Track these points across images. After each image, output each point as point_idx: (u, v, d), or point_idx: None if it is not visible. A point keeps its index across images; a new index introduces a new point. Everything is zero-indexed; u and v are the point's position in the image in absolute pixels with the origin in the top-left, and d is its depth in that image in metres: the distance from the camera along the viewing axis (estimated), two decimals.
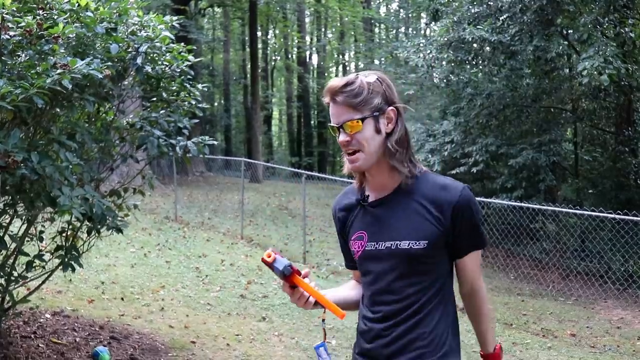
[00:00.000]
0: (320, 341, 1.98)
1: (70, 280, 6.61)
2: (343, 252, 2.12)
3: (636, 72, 10.82)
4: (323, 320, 1.97)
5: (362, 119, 1.82)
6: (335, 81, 1.85)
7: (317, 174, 13.51)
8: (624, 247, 9.16)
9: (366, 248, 1.92)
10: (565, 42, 12.73)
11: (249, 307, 6.89)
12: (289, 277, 1.89)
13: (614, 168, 12.85)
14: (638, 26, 11.30)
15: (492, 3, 12.85)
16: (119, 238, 8.41)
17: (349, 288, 2.14)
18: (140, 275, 7.62)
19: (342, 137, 1.85)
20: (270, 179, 22.45)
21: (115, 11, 3.92)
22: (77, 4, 3.64)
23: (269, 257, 1.87)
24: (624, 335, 7.40)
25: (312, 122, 36.49)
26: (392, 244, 1.87)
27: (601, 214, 8.35)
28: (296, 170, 15.02)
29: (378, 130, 1.84)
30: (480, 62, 13.86)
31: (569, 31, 12.69)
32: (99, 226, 4.05)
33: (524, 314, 8.18)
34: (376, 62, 30.57)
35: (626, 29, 10.95)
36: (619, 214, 8.37)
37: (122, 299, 6.51)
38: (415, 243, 1.84)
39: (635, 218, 8.17)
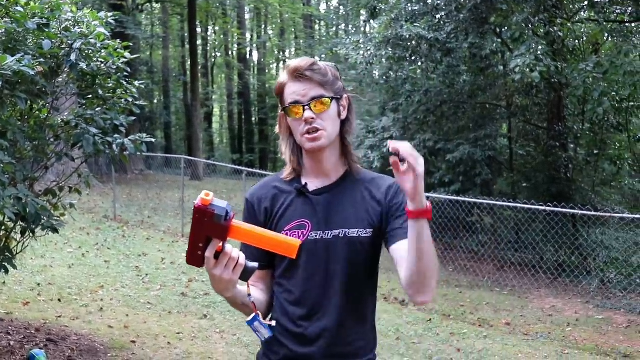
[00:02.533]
0: (251, 316, 1.74)
1: (4, 282, 6.44)
2: (257, 248, 1.77)
3: (565, 70, 11.22)
4: (249, 295, 1.75)
5: (331, 99, 1.80)
6: (301, 60, 1.81)
7: (258, 170, 13.48)
8: (554, 237, 9.51)
9: (309, 237, 1.81)
10: (499, 40, 13.10)
11: (190, 305, 6.86)
12: (229, 224, 1.58)
13: (546, 162, 13.29)
14: (566, 26, 11.71)
15: (429, 1, 13.12)
16: (56, 238, 8.24)
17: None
18: (78, 276, 7.48)
19: (308, 114, 1.77)
20: (211, 176, 22.26)
21: (47, 6, 3.86)
22: None
23: (208, 196, 1.55)
24: (555, 322, 7.71)
25: (253, 119, 36.35)
26: (340, 232, 1.81)
27: (533, 207, 8.65)
28: (237, 167, 14.99)
29: (339, 114, 1.84)
30: (418, 59, 14.11)
31: (503, 29, 13.06)
32: (34, 226, 3.97)
33: (462, 305, 8.40)
34: (316, 58, 30.64)
35: (555, 29, 11.33)
36: (550, 206, 8.69)
37: (60, 300, 6.39)
38: (364, 231, 1.82)
39: (565, 210, 8.50)
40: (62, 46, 3.90)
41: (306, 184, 1.87)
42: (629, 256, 10.12)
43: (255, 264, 1.69)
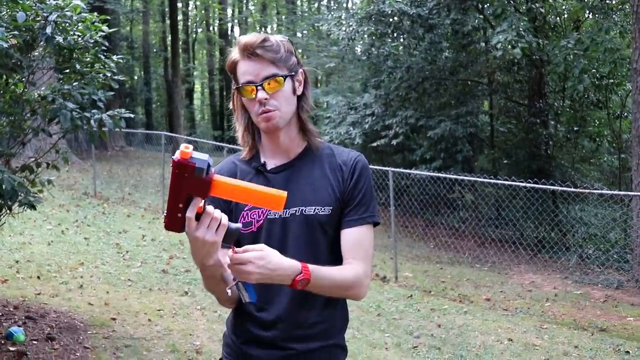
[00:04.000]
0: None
1: None
2: None
3: (546, 47, 11.24)
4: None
5: (284, 77, 1.74)
6: (252, 36, 1.73)
7: (239, 147, 13.41)
8: (535, 214, 9.58)
9: (269, 216, 1.78)
10: (481, 16, 13.07)
11: (170, 281, 6.84)
12: (210, 178, 1.49)
13: (526, 139, 13.38)
14: (547, 2, 11.71)
15: None
16: (35, 215, 8.16)
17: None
18: (58, 253, 7.42)
19: (261, 95, 1.72)
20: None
21: None
22: None
23: (187, 149, 1.46)
24: (534, 298, 7.80)
25: None
26: (297, 210, 1.78)
27: (514, 183, 8.69)
28: (219, 143, 14.91)
29: (294, 91, 1.79)
30: (400, 35, 14.06)
31: (485, 5, 13.04)
32: (10, 203, 3.91)
33: (443, 281, 8.47)
34: (298, 34, 30.49)
35: (537, 5, 11.33)
36: (530, 182, 8.74)
37: (39, 277, 6.33)
38: (321, 209, 1.78)
39: (545, 186, 8.56)
40: (37, 19, 3.81)
41: (265, 162, 1.84)
42: (607, 232, 10.26)
43: (239, 225, 1.61)
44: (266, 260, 1.58)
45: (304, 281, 1.63)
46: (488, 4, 12.60)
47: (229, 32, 36.82)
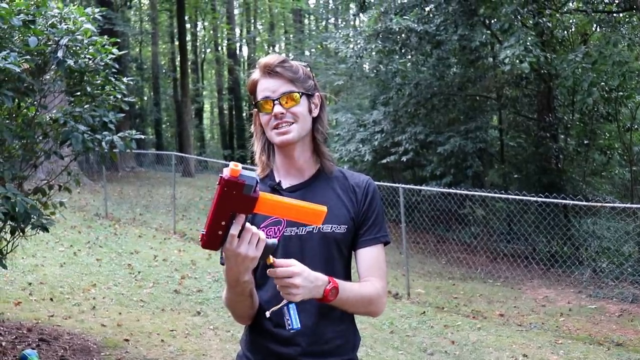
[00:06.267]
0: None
1: None
2: None
3: (554, 61, 11.23)
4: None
5: (301, 94, 1.82)
6: (272, 56, 1.83)
7: (249, 166, 13.43)
8: (546, 228, 9.52)
9: (285, 233, 1.82)
10: (488, 32, 13.10)
11: (183, 302, 6.84)
12: (258, 195, 1.51)
13: (536, 153, 13.33)
14: (555, 16, 11.72)
15: None
16: (47, 237, 8.19)
17: None
18: (70, 275, 7.44)
19: (277, 109, 1.80)
20: (202, 172, 22.20)
21: (32, 3, 3.81)
22: None
23: (237, 166, 1.48)
24: (548, 313, 7.73)
25: (244, 114, 36.23)
26: (314, 228, 1.82)
27: (525, 198, 8.66)
28: (229, 163, 14.93)
29: (310, 111, 1.86)
30: (408, 52, 14.11)
31: (492, 21, 13.06)
32: (23, 225, 3.93)
33: (455, 297, 8.42)
34: (306, 53, 30.69)
35: (544, 19, 11.35)
36: (541, 197, 8.70)
37: (52, 299, 6.35)
38: (337, 227, 1.84)
39: (557, 200, 8.51)
40: (49, 43, 3.85)
41: (280, 181, 1.89)
42: (620, 245, 10.17)
43: (275, 240, 1.65)
44: (306, 272, 1.64)
45: (334, 290, 1.69)
46: (495, 20, 12.62)
47: (238, 51, 37.07)
